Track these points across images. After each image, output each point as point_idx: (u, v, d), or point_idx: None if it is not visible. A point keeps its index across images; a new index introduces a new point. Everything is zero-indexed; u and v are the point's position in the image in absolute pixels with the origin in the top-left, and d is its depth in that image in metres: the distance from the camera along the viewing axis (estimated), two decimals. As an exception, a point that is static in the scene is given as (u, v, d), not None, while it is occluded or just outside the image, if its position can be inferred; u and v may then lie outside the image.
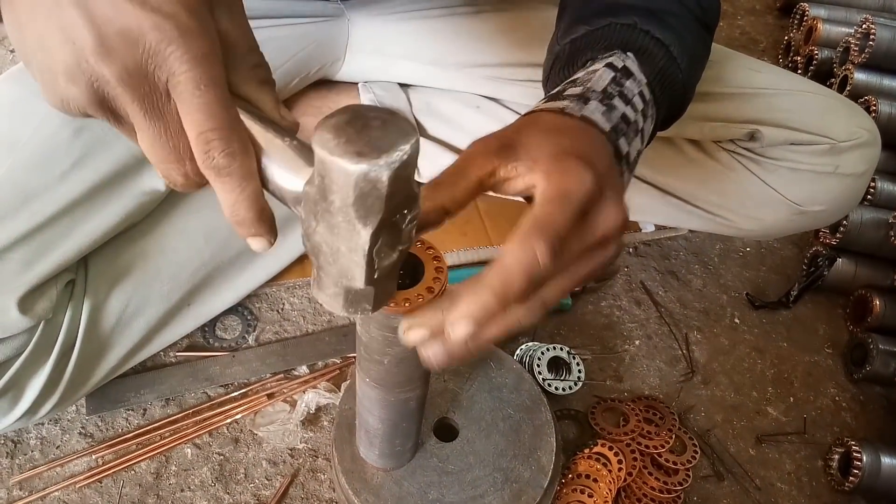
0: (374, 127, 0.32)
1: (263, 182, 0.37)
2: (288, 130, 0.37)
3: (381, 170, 0.31)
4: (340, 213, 0.33)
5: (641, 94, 0.53)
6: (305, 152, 0.36)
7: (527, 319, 0.41)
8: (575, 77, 0.54)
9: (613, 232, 0.42)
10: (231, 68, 0.36)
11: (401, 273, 0.46)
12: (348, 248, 0.34)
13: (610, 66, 0.54)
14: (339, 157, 0.31)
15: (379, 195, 0.32)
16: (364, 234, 0.33)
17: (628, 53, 0.55)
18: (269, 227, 0.37)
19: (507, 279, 0.37)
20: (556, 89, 0.52)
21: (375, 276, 0.36)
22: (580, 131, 0.46)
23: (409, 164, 0.32)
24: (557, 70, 0.59)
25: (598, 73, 0.53)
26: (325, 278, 0.37)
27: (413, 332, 0.40)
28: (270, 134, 0.36)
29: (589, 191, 0.40)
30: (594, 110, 0.48)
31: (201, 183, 0.36)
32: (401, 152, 0.31)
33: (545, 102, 0.50)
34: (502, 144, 0.43)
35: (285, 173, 0.36)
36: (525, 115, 0.49)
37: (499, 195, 0.44)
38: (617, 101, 0.51)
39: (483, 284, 0.37)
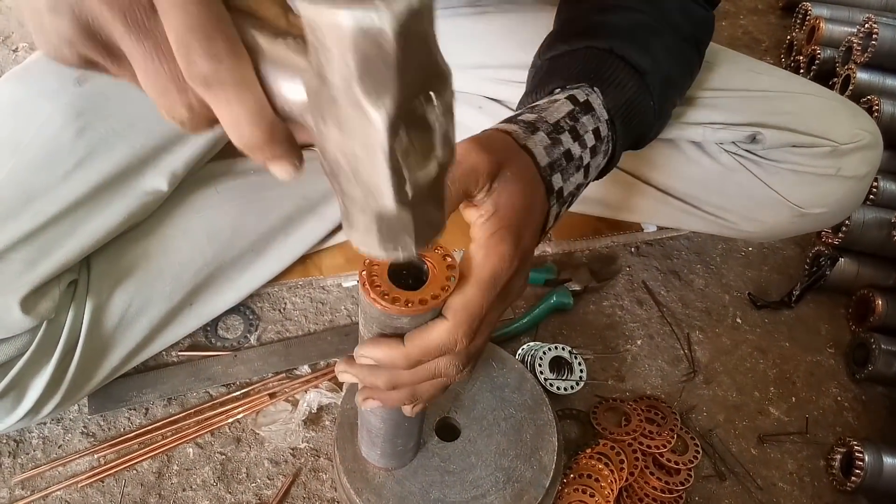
0: None
1: (269, 98, 0.30)
2: (298, 32, 0.30)
3: (382, 17, 0.24)
4: (344, 96, 0.26)
5: (597, 131, 0.56)
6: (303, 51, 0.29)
7: (464, 375, 0.49)
8: (536, 104, 0.56)
9: (519, 295, 0.50)
10: None
11: (404, 274, 0.46)
12: (364, 147, 0.27)
13: (571, 98, 0.56)
14: (328, 7, 0.24)
15: (386, 57, 0.25)
16: (378, 119, 0.26)
17: (594, 88, 0.58)
18: (287, 145, 0.32)
19: (425, 352, 0.45)
20: (515, 112, 0.56)
21: (409, 193, 0.29)
22: (518, 163, 0.49)
23: (422, 15, 0.25)
24: (529, 90, 0.63)
25: (557, 105, 0.55)
26: (351, 208, 0.30)
27: (344, 375, 0.48)
28: (268, 38, 0.29)
29: (515, 269, 0.46)
30: (538, 142, 0.52)
31: (210, 118, 0.31)
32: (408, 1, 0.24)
33: (501, 122, 0.54)
34: (491, 170, 0.46)
35: (288, 78, 0.29)
36: (482, 132, 0.52)
37: None
38: (565, 137, 0.54)
39: (400, 346, 0.45)
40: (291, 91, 0.29)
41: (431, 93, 0.28)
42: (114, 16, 0.29)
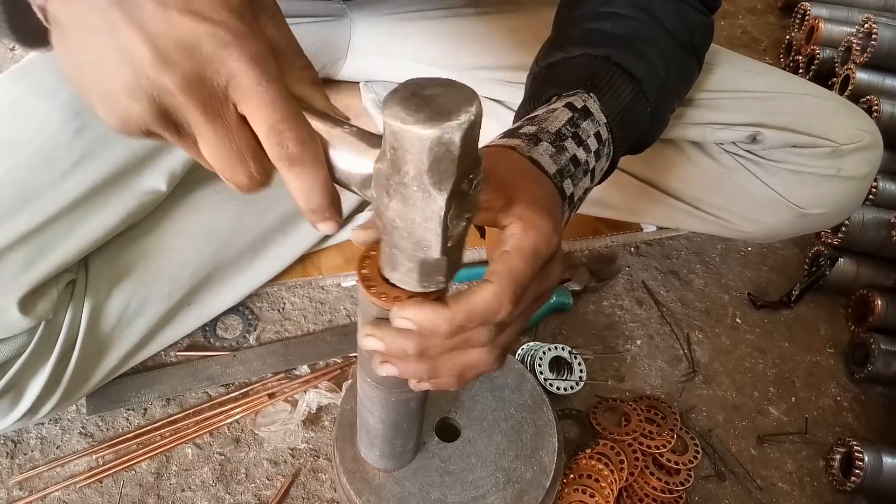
0: (438, 95, 0.33)
1: (329, 171, 0.38)
2: (344, 120, 0.39)
3: (453, 132, 0.32)
4: (415, 183, 0.34)
5: (598, 135, 0.57)
6: (366, 136, 0.38)
7: (490, 363, 0.46)
8: (534, 114, 0.57)
9: (556, 284, 0.48)
10: (282, 71, 0.37)
11: None
12: (424, 218, 0.36)
13: (569, 105, 0.57)
14: (411, 124, 0.32)
15: (452, 158, 0.33)
16: (440, 200, 0.34)
17: (591, 94, 0.58)
18: (339, 210, 0.39)
19: (469, 316, 0.42)
20: (515, 125, 0.56)
21: (449, 245, 0.37)
22: (530, 173, 0.50)
23: (476, 125, 0.33)
24: (526, 98, 0.63)
25: (556, 113, 0.56)
26: (398, 255, 0.38)
27: (371, 340, 0.44)
28: (328, 124, 0.38)
29: (554, 249, 0.45)
30: (543, 152, 0.52)
31: (265, 182, 0.38)
32: (468, 114, 0.32)
33: (501, 138, 0.54)
34: (506, 188, 0.46)
35: (351, 157, 0.37)
36: (485, 147, 0.52)
37: None
38: (569, 143, 0.54)
39: (445, 309, 0.41)
40: (353, 165, 0.37)
41: (472, 174, 0.36)
42: (194, 105, 0.34)
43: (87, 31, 0.33)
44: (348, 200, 0.96)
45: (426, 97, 0.33)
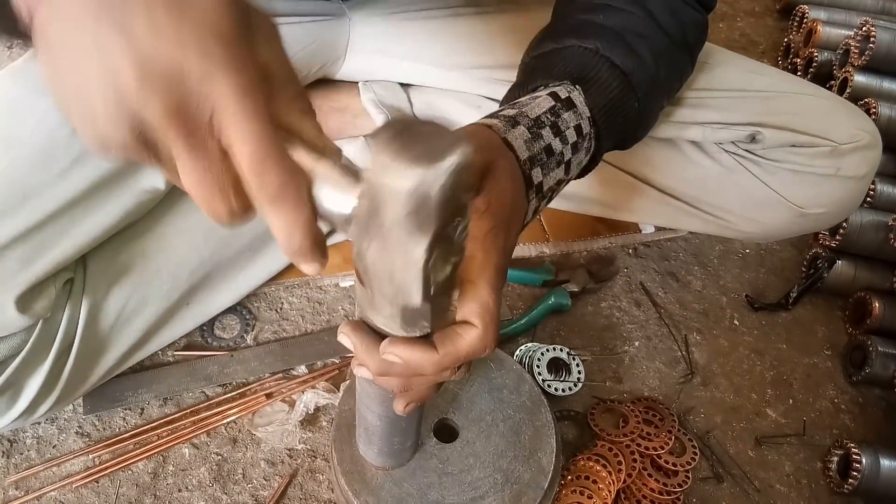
0: (423, 138, 0.31)
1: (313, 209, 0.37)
2: (333, 154, 0.37)
3: (433, 181, 0.30)
4: (393, 229, 0.32)
5: (578, 127, 0.57)
6: (352, 173, 0.36)
7: (461, 377, 0.49)
8: (517, 100, 0.57)
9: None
10: (272, 99, 0.36)
11: None
12: (403, 265, 0.34)
13: (553, 95, 0.57)
14: (389, 171, 0.30)
15: (432, 207, 0.31)
16: (419, 248, 0.33)
17: (576, 86, 0.58)
18: (323, 251, 0.37)
19: (456, 360, 0.44)
20: (498, 108, 0.56)
21: (432, 292, 0.36)
22: (504, 160, 0.50)
23: (463, 171, 0.31)
24: (514, 86, 0.63)
25: (538, 101, 0.56)
26: (379, 300, 0.37)
27: (342, 338, 0.45)
28: (315, 158, 0.36)
29: (510, 257, 0.47)
30: (518, 136, 0.52)
31: (245, 217, 0.36)
32: (450, 162, 0.31)
33: (484, 117, 0.54)
34: (481, 168, 0.47)
35: (334, 195, 0.36)
36: (466, 127, 0.53)
37: None
38: (546, 132, 0.54)
39: (433, 353, 0.43)
40: (336, 204, 0.35)
41: (457, 219, 0.34)
42: (176, 136, 0.32)
43: (73, 50, 0.32)
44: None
45: (409, 140, 0.31)
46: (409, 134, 0.31)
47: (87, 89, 0.32)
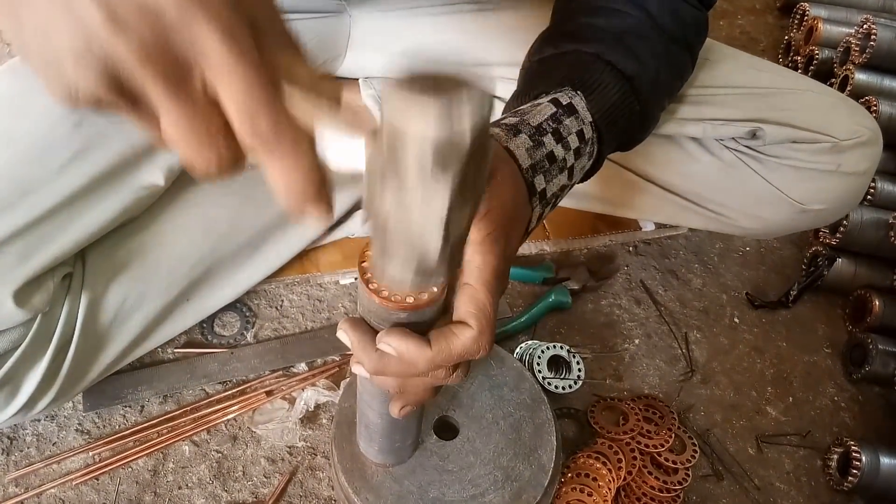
0: (444, 82, 0.30)
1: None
2: (331, 96, 0.34)
3: (462, 112, 0.28)
4: (415, 174, 0.30)
5: (581, 133, 0.57)
6: (356, 117, 0.33)
7: (456, 381, 0.49)
8: (519, 108, 0.57)
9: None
10: (258, 41, 0.32)
11: None
12: (423, 212, 0.32)
13: (554, 101, 0.57)
14: (412, 114, 0.28)
15: (461, 147, 0.29)
16: (442, 196, 0.31)
17: (578, 92, 0.58)
18: (329, 194, 0.34)
19: (449, 359, 0.44)
20: (500, 117, 0.56)
21: (451, 243, 0.34)
22: (506, 167, 0.50)
23: (487, 107, 0.30)
24: (516, 94, 0.63)
25: (540, 108, 0.56)
26: (392, 253, 0.35)
27: (341, 334, 0.46)
28: (312, 103, 0.33)
29: (510, 263, 0.47)
30: (520, 144, 0.52)
31: (233, 168, 0.33)
32: (478, 98, 0.29)
33: None
34: None
35: (338, 142, 0.34)
36: None
37: None
38: (547, 139, 0.54)
39: (427, 349, 0.43)
40: (338, 154, 0.34)
41: (480, 164, 0.32)
42: (154, 76, 0.29)
43: None
44: (346, 197, 0.95)
45: (431, 83, 0.29)
46: (428, 79, 0.30)
47: (50, 28, 0.29)
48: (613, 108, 0.60)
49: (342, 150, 0.34)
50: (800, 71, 1.39)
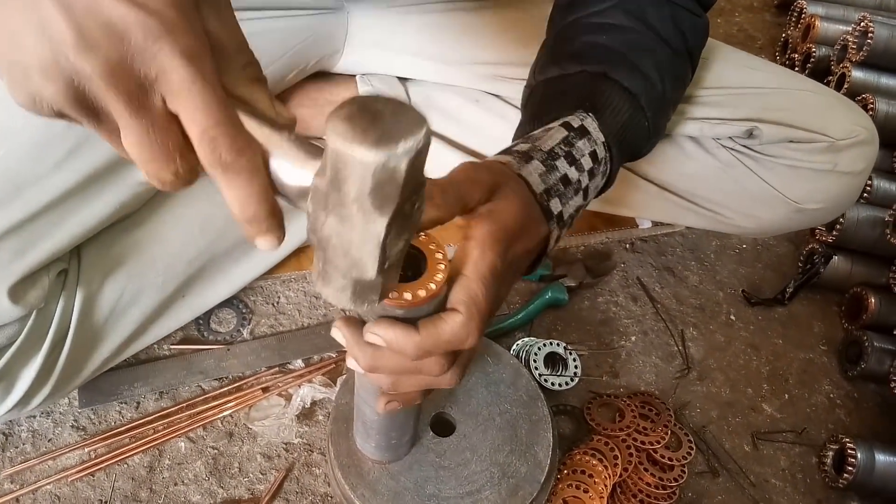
0: (386, 116, 0.32)
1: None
2: (286, 126, 0.37)
3: (399, 158, 0.31)
4: (355, 204, 0.33)
5: (594, 154, 0.58)
6: (306, 146, 0.36)
7: (450, 383, 0.49)
8: (531, 133, 0.58)
9: (496, 311, 0.50)
10: (222, 69, 0.35)
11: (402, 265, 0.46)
12: (361, 240, 0.34)
13: (566, 125, 0.57)
14: (356, 146, 0.30)
15: (396, 183, 0.32)
16: (380, 224, 0.33)
17: (589, 114, 0.59)
18: (279, 222, 0.37)
19: (437, 344, 0.44)
20: (512, 143, 0.57)
21: (385, 266, 0.36)
22: (514, 184, 0.51)
23: (424, 151, 0.32)
24: (525, 120, 0.64)
25: (551, 133, 0.57)
26: (332, 272, 0.37)
27: (335, 332, 0.47)
28: (268, 130, 0.36)
29: (502, 275, 0.47)
30: (532, 170, 0.53)
31: (190, 180, 0.35)
32: (415, 140, 0.31)
33: (497, 154, 0.55)
34: (490, 187, 0.48)
35: (289, 168, 0.36)
36: (481, 162, 0.54)
37: None
38: (560, 162, 0.55)
39: (415, 334, 0.43)
40: (291, 177, 0.36)
41: (415, 197, 0.35)
42: (117, 95, 0.31)
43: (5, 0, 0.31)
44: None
45: (373, 118, 0.31)
46: (372, 112, 0.32)
47: (19, 40, 0.31)
48: (624, 127, 0.61)
49: (291, 169, 0.36)
50: (797, 69, 1.39)
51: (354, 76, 0.97)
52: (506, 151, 0.55)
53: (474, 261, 0.45)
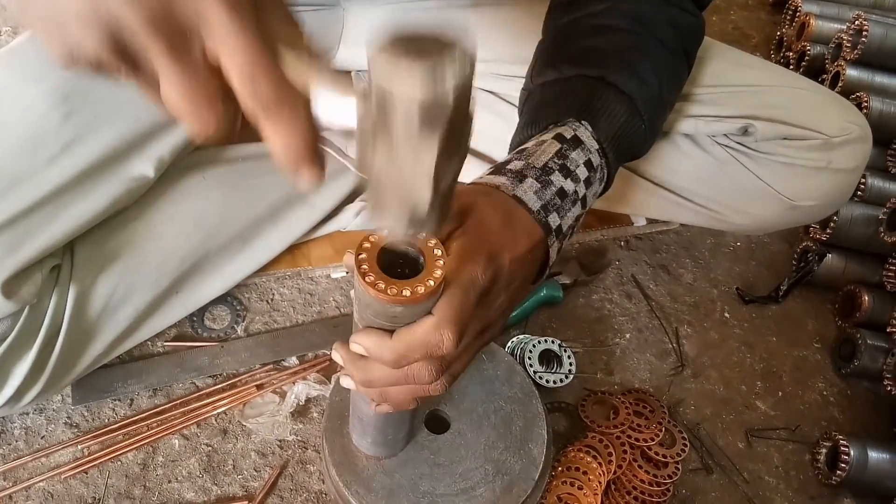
0: (427, 41, 0.31)
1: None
2: (324, 61, 0.36)
3: (447, 79, 0.30)
4: (404, 133, 0.32)
5: (588, 163, 0.58)
6: (347, 80, 0.35)
7: (438, 391, 0.50)
8: (524, 147, 0.58)
9: (496, 320, 0.52)
10: (257, 7, 0.34)
11: (401, 263, 0.46)
12: (413, 168, 0.34)
13: (558, 137, 0.58)
14: (400, 75, 0.30)
15: (445, 107, 0.31)
16: (430, 151, 0.33)
17: (583, 122, 0.59)
18: (322, 161, 0.36)
19: (409, 346, 0.45)
20: (504, 160, 0.58)
21: (440, 192, 0.36)
22: (490, 198, 0.52)
23: (471, 70, 0.32)
24: (522, 124, 0.64)
25: (544, 147, 0.57)
26: (386, 202, 0.37)
27: (335, 355, 0.50)
28: (309, 61, 0.35)
29: (488, 282, 0.47)
30: (527, 189, 0.54)
31: (233, 129, 0.35)
32: (461, 58, 0.31)
33: (489, 175, 0.56)
34: (458, 215, 0.49)
35: (333, 102, 0.35)
36: (471, 183, 0.55)
37: None
38: (555, 176, 0.56)
39: (387, 339, 0.45)
40: (333, 115, 0.35)
41: (465, 121, 0.35)
42: (157, 40, 0.31)
43: None
44: (337, 190, 0.95)
45: (418, 44, 0.31)
46: (412, 41, 0.31)
47: None
48: (621, 131, 0.61)
49: (334, 108, 0.35)
50: (791, 67, 1.39)
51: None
52: (499, 171, 0.56)
53: (453, 270, 0.46)
